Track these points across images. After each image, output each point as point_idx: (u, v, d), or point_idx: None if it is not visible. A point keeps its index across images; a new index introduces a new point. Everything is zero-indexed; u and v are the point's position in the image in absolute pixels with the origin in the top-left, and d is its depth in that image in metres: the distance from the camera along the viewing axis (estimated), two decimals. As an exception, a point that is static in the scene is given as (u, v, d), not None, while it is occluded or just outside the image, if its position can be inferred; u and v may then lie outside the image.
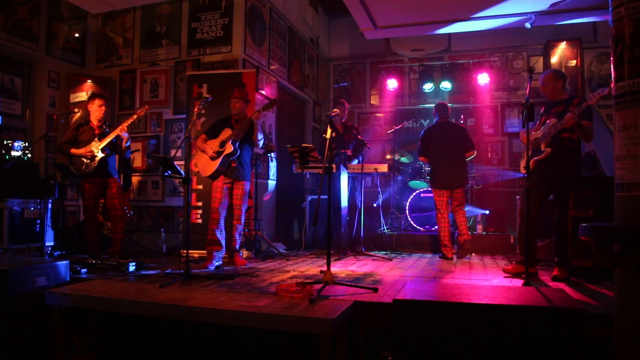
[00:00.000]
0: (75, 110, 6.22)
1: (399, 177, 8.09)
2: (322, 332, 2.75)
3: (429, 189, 7.10)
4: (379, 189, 7.10)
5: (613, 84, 2.59)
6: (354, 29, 8.43)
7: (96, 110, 5.10)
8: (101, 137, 5.01)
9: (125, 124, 4.99)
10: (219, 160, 4.86)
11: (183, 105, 6.58)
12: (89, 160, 4.93)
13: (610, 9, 2.59)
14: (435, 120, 6.01)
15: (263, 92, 6.74)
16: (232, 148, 4.84)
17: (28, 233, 5.52)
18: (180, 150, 6.03)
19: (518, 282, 3.92)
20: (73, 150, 4.96)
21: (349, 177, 6.19)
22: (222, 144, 4.89)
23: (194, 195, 6.07)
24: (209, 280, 4.00)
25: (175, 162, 5.04)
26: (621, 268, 2.45)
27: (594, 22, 8.08)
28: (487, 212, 7.00)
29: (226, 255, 5.16)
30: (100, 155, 4.93)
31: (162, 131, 6.84)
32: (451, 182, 5.69)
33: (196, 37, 6.72)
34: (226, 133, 4.93)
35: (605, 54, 8.11)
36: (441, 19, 7.40)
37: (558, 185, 4.16)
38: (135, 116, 5.10)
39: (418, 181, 7.54)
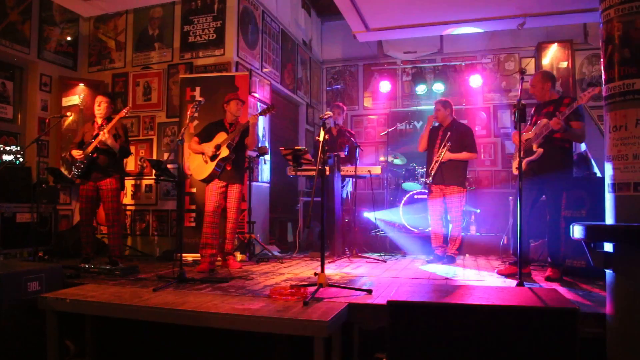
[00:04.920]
0: (68, 114, 6.20)
1: (393, 179, 8.11)
2: (317, 334, 2.75)
3: (424, 190, 7.11)
4: (372, 191, 7.12)
5: (604, 85, 2.62)
6: (346, 32, 8.45)
7: (95, 109, 5.09)
8: (95, 138, 4.98)
9: (106, 129, 4.94)
10: (214, 164, 4.85)
11: (176, 109, 6.57)
12: (79, 163, 4.91)
13: (600, 11, 2.62)
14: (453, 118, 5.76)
15: (256, 95, 6.74)
16: (229, 152, 4.84)
17: (20, 237, 5.48)
18: (173, 154, 6.04)
19: (511, 283, 3.94)
20: (72, 152, 4.97)
21: (342, 179, 6.19)
22: (218, 148, 4.88)
23: (187, 199, 6.05)
24: (203, 284, 3.99)
25: (169, 166, 5.03)
26: (613, 267, 2.47)
27: (584, 24, 8.15)
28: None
29: (220, 259, 5.15)
30: (88, 158, 4.92)
31: (155, 134, 6.82)
32: None
33: (189, 40, 6.71)
34: (221, 137, 4.93)
35: (596, 55, 8.17)
36: (433, 22, 7.43)
37: (550, 186, 4.19)
38: (117, 118, 5.04)
39: (411, 183, 7.55)
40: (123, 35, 7.12)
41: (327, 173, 5.55)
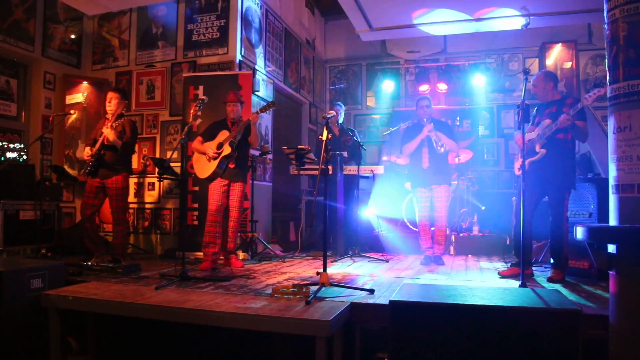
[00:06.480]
0: (71, 111, 6.20)
1: (396, 179, 8.09)
2: (319, 334, 2.75)
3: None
4: (374, 191, 7.11)
5: (608, 86, 2.60)
6: (350, 31, 8.43)
7: (106, 106, 5.09)
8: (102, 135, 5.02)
9: (108, 125, 4.96)
10: (217, 162, 4.85)
11: (179, 107, 6.57)
12: (89, 161, 4.90)
13: (605, 11, 2.61)
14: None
15: (259, 94, 6.74)
16: (231, 150, 4.84)
17: (23, 234, 5.49)
18: (176, 152, 6.04)
19: (514, 283, 3.93)
20: (84, 150, 4.99)
21: (345, 178, 6.18)
22: (220, 146, 4.89)
23: (190, 197, 6.05)
24: (205, 282, 3.99)
25: (171, 164, 5.01)
26: (617, 269, 2.46)
27: (588, 24, 8.12)
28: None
29: (222, 257, 5.16)
30: (96, 156, 4.91)
31: (158, 133, 6.82)
32: None
33: (192, 39, 6.71)
34: (223, 135, 4.93)
35: (601, 56, 8.14)
36: (437, 21, 7.42)
37: (553, 186, 4.17)
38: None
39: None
40: (127, 33, 7.13)
41: (330, 172, 5.58)
